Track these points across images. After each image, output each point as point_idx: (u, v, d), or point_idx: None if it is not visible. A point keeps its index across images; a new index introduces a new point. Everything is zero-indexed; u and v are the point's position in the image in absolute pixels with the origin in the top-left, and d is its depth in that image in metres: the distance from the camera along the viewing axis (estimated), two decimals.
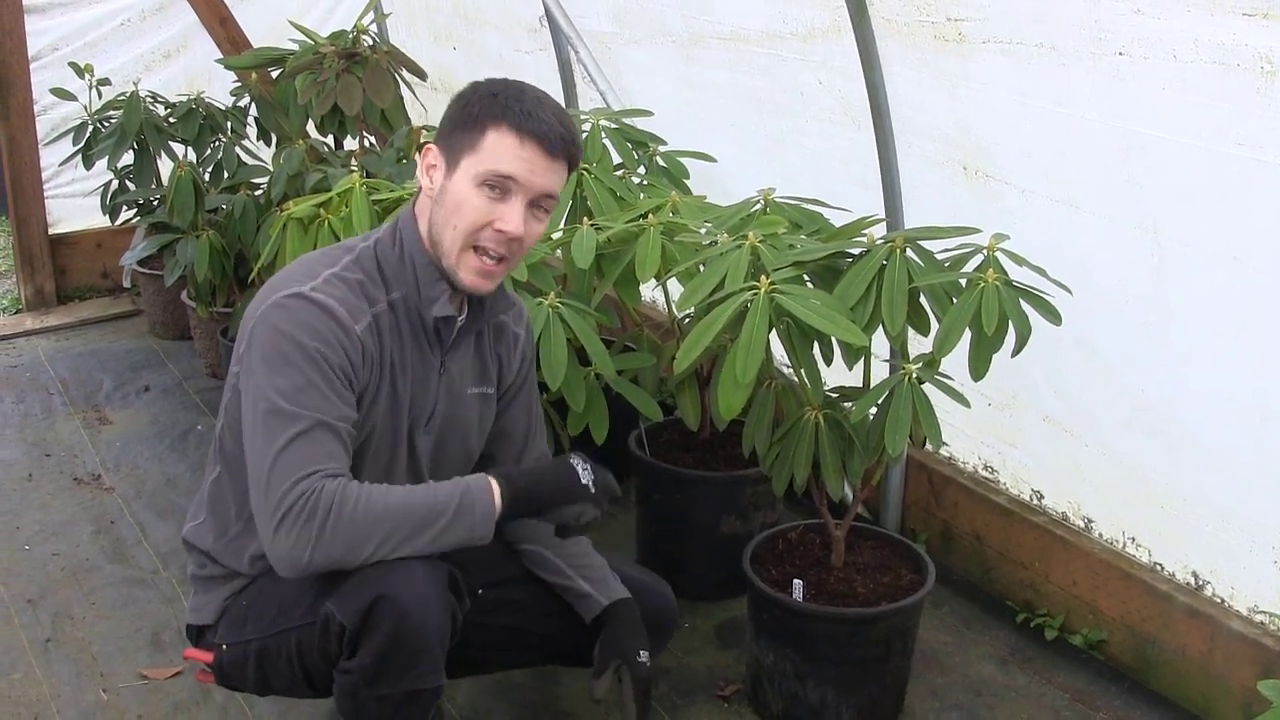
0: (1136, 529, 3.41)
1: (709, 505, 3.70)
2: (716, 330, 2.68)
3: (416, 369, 2.54)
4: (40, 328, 6.14)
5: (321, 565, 2.28)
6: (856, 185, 3.84)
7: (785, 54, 3.94)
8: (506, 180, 2.36)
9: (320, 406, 2.32)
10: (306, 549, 2.25)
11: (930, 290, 2.75)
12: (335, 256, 2.50)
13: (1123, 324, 3.24)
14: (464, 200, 2.37)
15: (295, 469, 2.27)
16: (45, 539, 4.14)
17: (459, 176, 2.38)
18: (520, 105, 2.35)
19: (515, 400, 2.81)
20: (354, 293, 2.43)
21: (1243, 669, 3.12)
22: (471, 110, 2.38)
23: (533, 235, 2.44)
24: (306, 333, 2.34)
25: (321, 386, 2.33)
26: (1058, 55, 3.09)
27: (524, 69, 5.29)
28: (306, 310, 2.36)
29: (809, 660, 3.08)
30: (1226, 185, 2.85)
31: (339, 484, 2.28)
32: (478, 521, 2.35)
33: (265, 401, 2.32)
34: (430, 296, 2.48)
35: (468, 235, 2.39)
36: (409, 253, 2.49)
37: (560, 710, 3.25)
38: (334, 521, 2.25)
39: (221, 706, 3.24)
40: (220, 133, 5.24)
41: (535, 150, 2.35)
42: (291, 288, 2.39)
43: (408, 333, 2.51)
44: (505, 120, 2.34)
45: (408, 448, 2.58)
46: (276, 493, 2.27)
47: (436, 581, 2.37)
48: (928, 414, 2.75)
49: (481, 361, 2.70)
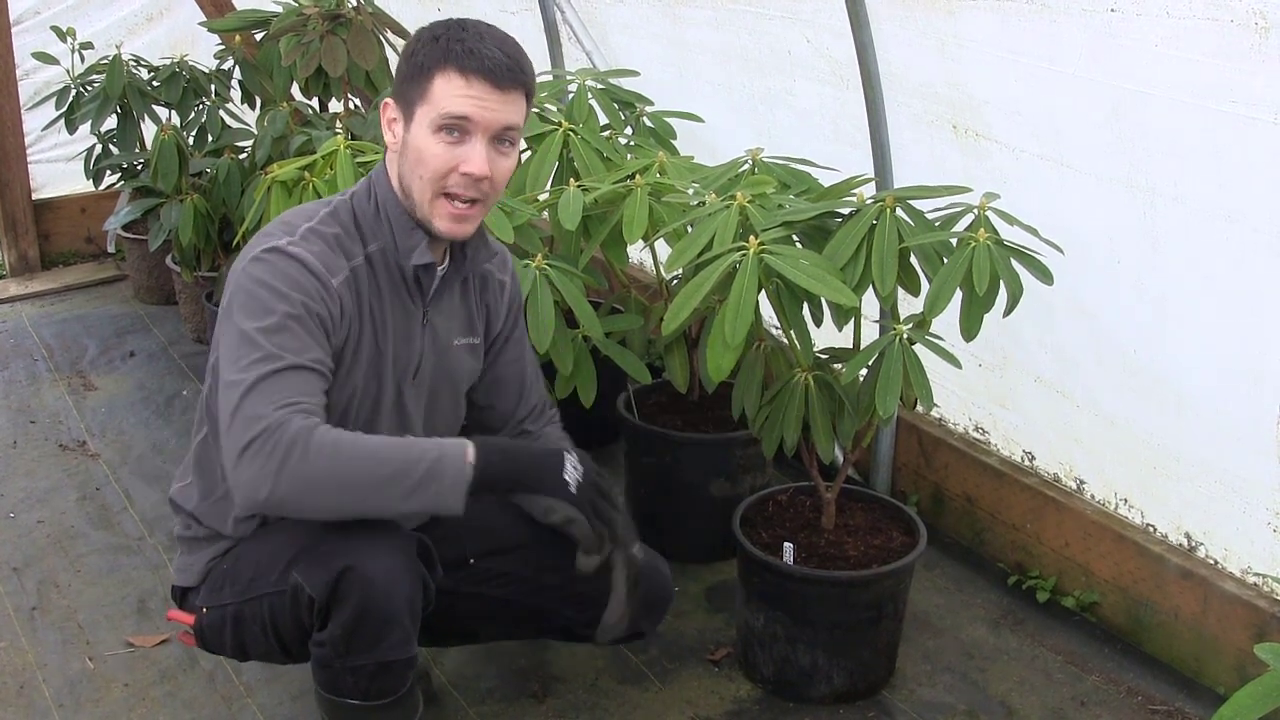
0: (1129, 490, 3.40)
1: (698, 468, 3.69)
2: (705, 291, 2.65)
3: (399, 322, 2.51)
4: (24, 293, 6.11)
5: (279, 502, 2.20)
6: (845, 145, 3.81)
7: (773, 12, 3.90)
8: (461, 121, 2.33)
9: (296, 348, 2.29)
10: (267, 481, 2.18)
11: (921, 250, 2.73)
12: (312, 211, 2.48)
13: (1115, 283, 3.22)
14: (425, 149, 2.35)
15: (266, 401, 2.22)
16: (30, 506, 4.12)
17: (416, 127, 2.36)
18: (461, 45, 2.33)
19: (507, 347, 2.79)
20: (330, 247, 2.41)
21: (1236, 631, 3.11)
22: (417, 59, 2.36)
23: (502, 171, 2.40)
24: (285, 282, 2.32)
25: (298, 330, 2.30)
26: (1049, 12, 3.06)
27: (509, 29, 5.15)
28: (284, 263, 2.34)
29: (800, 624, 3.06)
30: (1219, 143, 2.83)
31: (310, 422, 2.22)
32: (447, 489, 2.25)
33: (242, 343, 2.28)
34: (408, 246, 2.46)
35: (435, 183, 2.37)
36: (383, 204, 2.47)
37: (549, 675, 3.23)
38: (298, 458, 2.18)
39: (208, 674, 3.23)
40: (204, 96, 5.20)
41: (483, 86, 2.32)
42: (269, 243, 2.37)
43: (387, 285, 2.49)
44: (449, 62, 2.32)
45: (396, 403, 2.56)
46: (243, 422, 2.21)
47: (405, 551, 2.35)
48: (919, 375, 2.73)
49: (467, 311, 2.67)
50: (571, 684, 3.21)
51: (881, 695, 3.19)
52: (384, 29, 4.73)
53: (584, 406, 3.48)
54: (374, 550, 2.31)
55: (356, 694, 2.40)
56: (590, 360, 3.49)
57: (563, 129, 3.53)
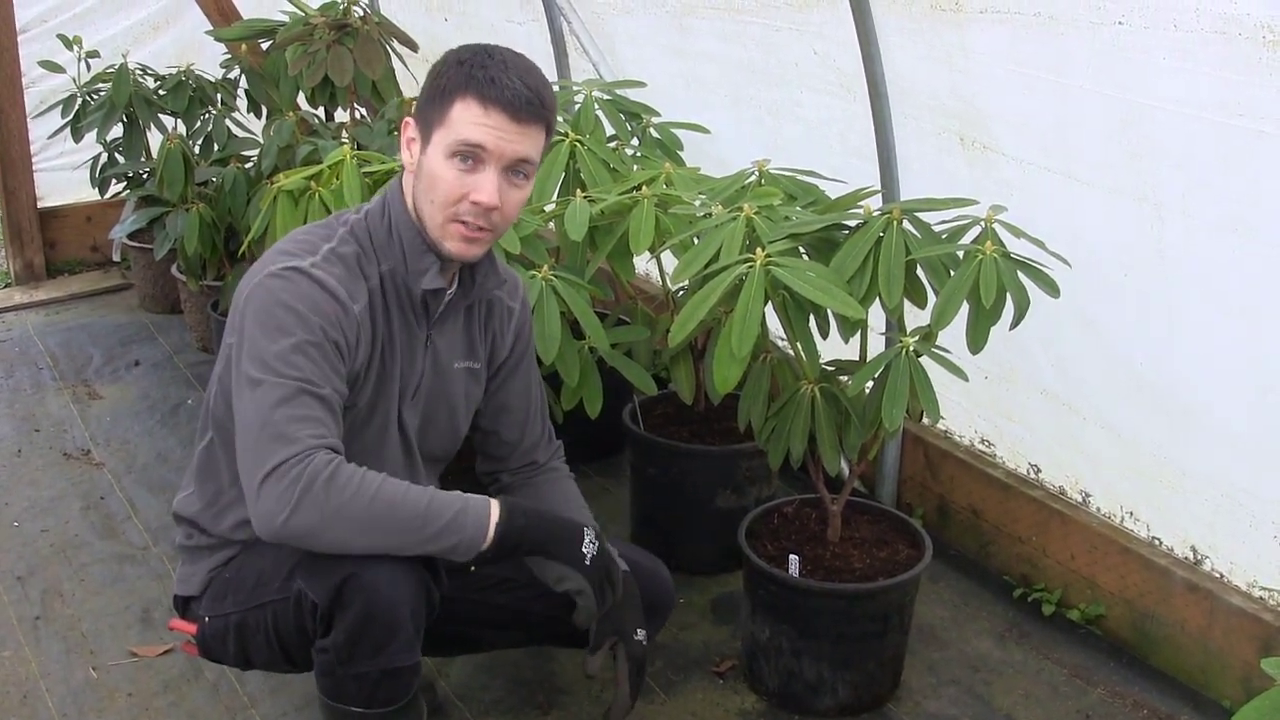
0: (1135, 503, 3.39)
1: (704, 479, 3.68)
2: (712, 303, 2.65)
3: (403, 342, 2.52)
4: (29, 302, 6.11)
5: (297, 531, 2.21)
6: (852, 157, 3.81)
7: (780, 24, 3.90)
8: (475, 149, 2.32)
9: (314, 373, 2.29)
10: (285, 509, 2.19)
11: (928, 262, 2.72)
12: (331, 229, 2.48)
13: (1122, 296, 3.22)
14: (438, 174, 2.35)
15: (288, 431, 2.23)
16: (34, 515, 4.11)
17: (432, 150, 2.36)
18: (484, 72, 2.31)
19: (514, 375, 2.79)
20: (351, 271, 2.41)
21: (1242, 644, 3.10)
22: (440, 82, 2.36)
23: (512, 203, 2.40)
24: (306, 305, 2.32)
25: (316, 356, 2.30)
26: (1056, 25, 3.06)
27: (516, 39, 5.24)
28: (308, 286, 2.34)
29: (805, 636, 3.06)
30: (1227, 156, 2.82)
31: (334, 459, 2.23)
32: (464, 542, 2.29)
33: (259, 364, 2.28)
34: (418, 269, 2.45)
35: (445, 209, 2.36)
36: (396, 225, 2.46)
37: (554, 687, 3.23)
38: (321, 491, 2.19)
39: (212, 684, 3.22)
40: (210, 105, 5.21)
41: (501, 117, 2.31)
42: (292, 261, 2.37)
43: (395, 306, 2.49)
44: (469, 89, 2.31)
45: (397, 421, 2.56)
46: (266, 449, 2.22)
47: (408, 559, 2.35)
48: (925, 387, 2.73)
49: (469, 337, 2.67)
50: (576, 696, 3.20)
51: (886, 708, 3.18)
52: (390, 38, 4.74)
53: (590, 417, 3.47)
54: (379, 557, 2.30)
55: (360, 701, 2.40)
56: (596, 371, 3.49)
57: (569, 140, 3.53)
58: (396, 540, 2.27)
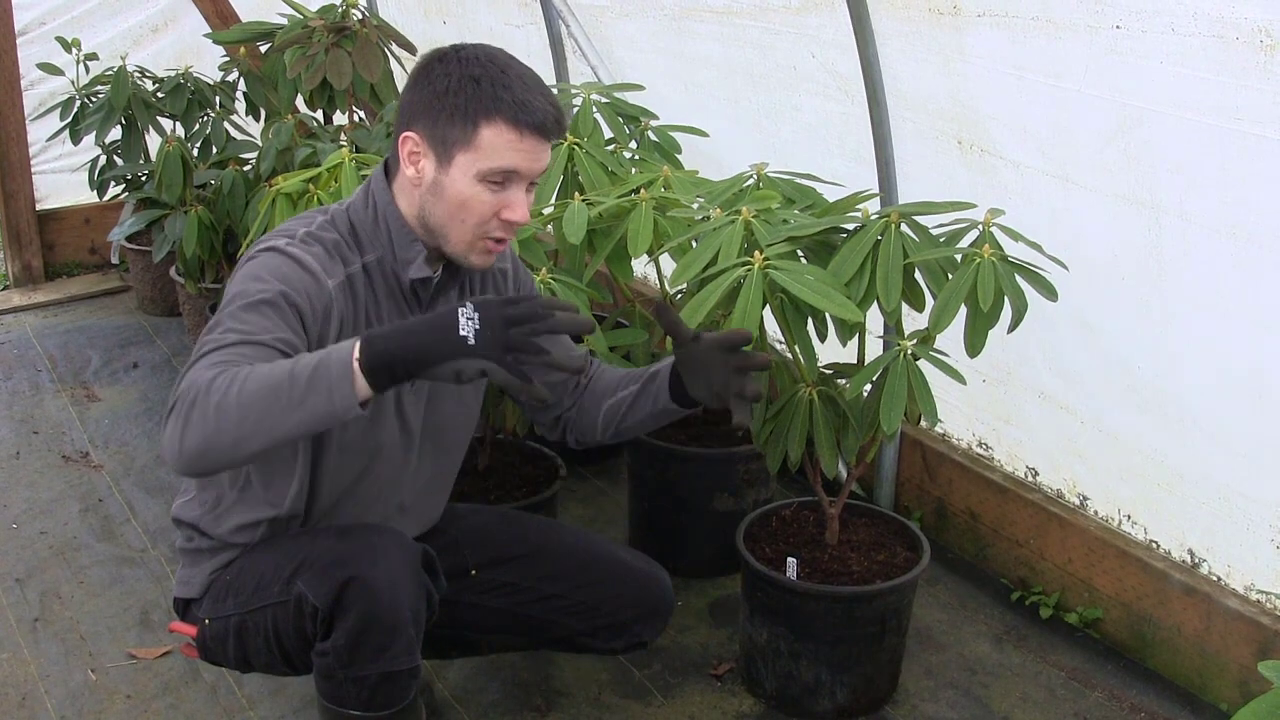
0: (1132, 506, 3.39)
1: (702, 482, 3.68)
2: (710, 306, 2.65)
3: None
4: (28, 304, 6.10)
5: (194, 447, 2.09)
6: (851, 160, 3.81)
7: (778, 27, 3.90)
8: (510, 174, 2.33)
9: (261, 327, 2.22)
10: (179, 432, 2.09)
11: (926, 266, 2.73)
12: (310, 219, 2.47)
13: (1119, 300, 3.22)
14: (469, 198, 2.33)
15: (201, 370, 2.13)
16: (33, 517, 4.12)
17: (457, 173, 2.33)
18: (510, 94, 2.29)
19: None
20: (328, 251, 2.39)
21: (1239, 647, 3.10)
22: (457, 101, 2.30)
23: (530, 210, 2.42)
24: (276, 276, 2.29)
25: (268, 311, 2.25)
26: (1054, 28, 3.06)
27: (514, 42, 5.25)
28: (279, 259, 2.33)
29: (803, 639, 3.06)
30: (1224, 159, 2.83)
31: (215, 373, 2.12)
32: (335, 380, 2.06)
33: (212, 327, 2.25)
34: (406, 258, 2.44)
35: (478, 228, 2.36)
36: (383, 215, 2.44)
37: (553, 689, 3.23)
38: (202, 401, 2.07)
39: (211, 686, 3.22)
40: (209, 108, 5.20)
41: (534, 140, 2.32)
42: (269, 243, 2.37)
43: (384, 294, 2.47)
44: (499, 114, 2.29)
45: (395, 408, 2.54)
46: (175, 394, 2.14)
47: (409, 561, 2.36)
48: (923, 390, 2.73)
49: None
50: (574, 698, 3.20)
51: (884, 711, 3.18)
52: (389, 42, 4.74)
53: None
54: (378, 560, 2.31)
55: (359, 704, 2.40)
56: None
57: (567, 143, 3.53)
58: (279, 415, 2.07)
